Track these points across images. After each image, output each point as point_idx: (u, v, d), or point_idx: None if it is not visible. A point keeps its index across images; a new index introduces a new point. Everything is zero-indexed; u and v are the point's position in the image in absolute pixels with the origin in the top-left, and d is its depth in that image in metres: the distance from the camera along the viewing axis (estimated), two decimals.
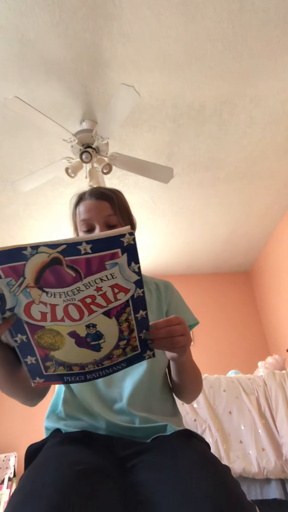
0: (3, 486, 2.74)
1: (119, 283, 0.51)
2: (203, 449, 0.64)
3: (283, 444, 1.69)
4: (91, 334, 0.55)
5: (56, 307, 0.52)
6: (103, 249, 0.48)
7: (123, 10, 1.65)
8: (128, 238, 0.48)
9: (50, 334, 0.54)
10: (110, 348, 0.57)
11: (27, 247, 0.46)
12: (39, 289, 0.50)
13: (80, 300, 0.51)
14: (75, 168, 2.11)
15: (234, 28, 1.76)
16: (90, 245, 0.47)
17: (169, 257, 3.86)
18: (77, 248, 0.47)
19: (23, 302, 0.51)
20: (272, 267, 3.69)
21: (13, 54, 1.79)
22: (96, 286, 0.50)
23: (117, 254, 0.49)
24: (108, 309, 0.53)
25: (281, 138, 2.47)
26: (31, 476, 0.54)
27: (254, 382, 1.97)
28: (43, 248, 0.46)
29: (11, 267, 0.47)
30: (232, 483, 0.52)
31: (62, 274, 0.48)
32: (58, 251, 0.47)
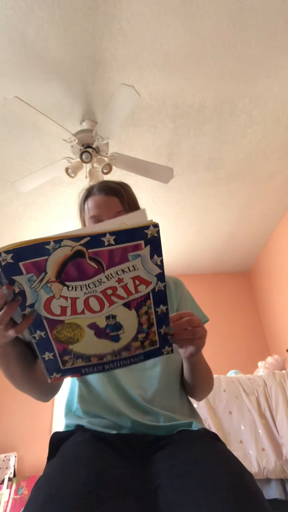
0: (3, 486, 2.73)
1: (141, 275, 0.51)
2: (230, 452, 0.63)
3: (283, 444, 1.69)
4: (111, 325, 0.55)
5: (76, 300, 0.51)
6: (126, 241, 0.47)
7: (123, 10, 1.65)
8: (152, 230, 0.47)
9: (69, 328, 0.54)
10: (129, 339, 0.57)
11: (50, 241, 0.45)
12: (60, 283, 0.49)
13: (101, 291, 0.51)
14: (75, 168, 2.11)
15: (234, 28, 1.76)
16: (114, 237, 0.46)
17: (169, 257, 3.86)
18: (101, 240, 0.46)
19: (43, 298, 0.50)
20: (272, 267, 3.69)
21: (13, 54, 1.79)
22: (117, 278, 0.50)
23: (140, 245, 0.48)
24: (129, 300, 0.53)
25: (281, 138, 2.47)
26: (55, 481, 0.53)
27: (254, 382, 1.97)
28: (67, 242, 0.46)
29: (33, 263, 0.46)
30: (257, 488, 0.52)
31: (84, 266, 0.48)
32: (81, 243, 0.46)
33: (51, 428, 3.24)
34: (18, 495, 2.71)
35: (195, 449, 0.61)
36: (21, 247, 0.45)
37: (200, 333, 0.62)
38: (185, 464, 0.57)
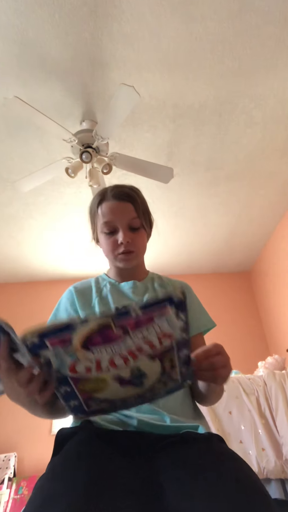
0: (3, 486, 2.73)
1: (165, 331, 0.51)
2: (236, 454, 0.63)
3: (283, 444, 1.69)
4: (135, 375, 0.56)
5: (101, 360, 0.52)
6: (153, 309, 0.48)
7: (123, 10, 1.65)
8: (179, 296, 0.48)
9: (94, 382, 0.55)
10: (152, 382, 0.58)
11: (76, 321, 0.46)
12: (84, 349, 0.50)
13: (126, 350, 0.52)
14: (75, 168, 2.11)
15: (234, 28, 1.76)
16: (141, 308, 0.47)
17: (169, 257, 3.86)
18: (128, 312, 0.47)
19: (68, 362, 0.51)
20: (272, 267, 3.69)
21: (13, 54, 1.79)
22: (143, 337, 0.51)
23: (166, 309, 0.49)
24: (153, 353, 0.54)
25: (281, 138, 2.47)
26: (56, 480, 0.53)
27: (254, 382, 1.97)
28: (93, 319, 0.47)
29: (59, 340, 0.48)
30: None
31: (109, 334, 0.49)
32: (108, 319, 0.47)
33: (51, 428, 3.24)
34: (18, 495, 2.71)
35: (201, 449, 0.61)
36: (47, 331, 0.47)
37: (223, 375, 0.59)
38: (191, 463, 0.57)
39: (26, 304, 3.82)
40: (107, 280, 0.96)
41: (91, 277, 1.00)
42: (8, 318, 1.82)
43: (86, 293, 0.91)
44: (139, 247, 0.91)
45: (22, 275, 3.87)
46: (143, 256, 0.98)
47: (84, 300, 0.89)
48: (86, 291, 0.92)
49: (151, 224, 0.99)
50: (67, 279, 3.96)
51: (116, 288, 0.93)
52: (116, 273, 0.97)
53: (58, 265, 3.77)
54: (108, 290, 0.92)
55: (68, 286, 0.96)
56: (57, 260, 3.70)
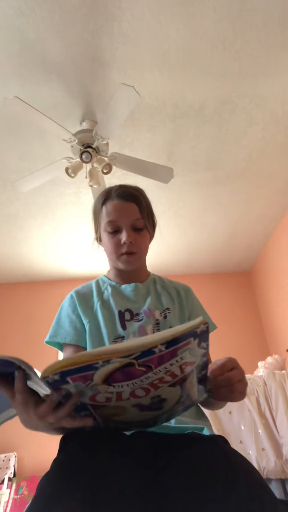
0: (3, 486, 2.73)
1: (187, 361, 0.50)
2: (240, 454, 0.63)
3: (283, 444, 1.69)
4: (155, 402, 0.55)
5: (122, 393, 0.51)
6: (177, 343, 0.46)
7: (123, 10, 1.65)
8: (202, 327, 0.47)
9: (113, 408, 0.54)
10: (171, 405, 0.57)
11: (99, 362, 0.44)
12: (106, 385, 0.49)
13: (148, 383, 0.51)
14: (75, 168, 2.11)
15: (234, 28, 1.76)
16: (165, 345, 0.45)
17: (169, 257, 3.86)
18: (152, 351, 0.45)
19: (89, 394, 0.50)
20: (272, 267, 3.69)
21: (13, 54, 1.79)
22: (165, 370, 0.49)
23: (190, 342, 0.48)
24: (174, 381, 0.53)
25: (281, 138, 2.47)
26: (56, 482, 0.53)
27: (254, 382, 1.97)
28: (116, 359, 0.45)
29: (80, 376, 0.47)
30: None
31: (132, 372, 0.47)
32: (131, 358, 0.45)
33: None
34: (18, 495, 2.71)
35: (206, 449, 0.61)
36: (69, 370, 0.45)
37: (239, 389, 0.58)
38: (196, 463, 0.56)
39: (26, 304, 3.82)
40: (108, 282, 0.95)
41: (91, 277, 1.00)
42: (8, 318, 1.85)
43: (87, 297, 0.90)
44: (141, 248, 0.91)
45: (22, 275, 3.86)
46: (145, 257, 0.98)
47: (86, 305, 0.88)
48: (87, 295, 0.91)
49: (154, 225, 0.99)
50: (67, 279, 3.96)
51: (117, 290, 0.92)
52: (116, 275, 0.97)
53: (58, 265, 3.77)
54: (110, 293, 0.91)
55: (68, 286, 0.96)
56: (57, 260, 3.69)
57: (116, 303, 0.87)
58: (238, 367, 0.60)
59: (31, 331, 3.58)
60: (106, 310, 0.86)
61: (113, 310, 0.85)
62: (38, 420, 0.51)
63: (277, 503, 0.50)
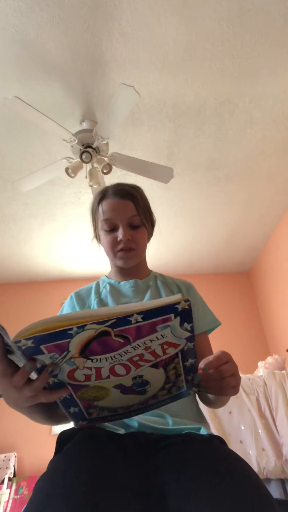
0: (3, 486, 2.73)
1: (169, 340, 0.49)
2: (238, 455, 0.63)
3: (283, 444, 1.69)
4: (137, 383, 0.54)
5: (101, 369, 0.50)
6: (155, 317, 0.45)
7: (123, 10, 1.65)
8: (182, 304, 0.45)
9: (94, 389, 0.53)
10: (156, 390, 0.56)
11: (73, 327, 0.43)
12: (83, 357, 0.48)
13: (127, 359, 0.49)
14: (75, 168, 2.11)
15: (234, 28, 1.76)
16: (142, 315, 0.44)
17: (169, 257, 3.86)
18: (128, 319, 0.44)
19: (66, 370, 0.49)
20: (272, 267, 3.69)
21: (13, 54, 1.79)
22: (145, 346, 0.48)
23: (169, 318, 0.46)
24: (156, 362, 0.52)
25: (281, 138, 2.47)
26: (54, 480, 0.53)
27: (254, 382, 1.97)
28: (90, 326, 0.43)
29: (54, 345, 0.45)
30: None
31: (109, 342, 0.46)
32: (106, 325, 0.44)
33: (51, 428, 3.24)
34: (18, 495, 2.71)
35: (202, 449, 0.61)
36: (41, 335, 0.43)
37: (231, 384, 0.58)
38: (192, 463, 0.57)
39: (26, 304, 3.82)
40: (107, 281, 0.96)
41: (91, 277, 1.01)
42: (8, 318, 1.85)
43: (85, 297, 0.91)
44: (139, 244, 0.91)
45: (22, 275, 3.86)
46: (144, 254, 0.97)
47: (83, 304, 0.89)
48: (85, 296, 0.91)
49: (153, 223, 0.99)
50: (67, 279, 3.96)
51: (115, 288, 0.92)
52: (117, 273, 0.97)
53: (58, 265, 3.77)
54: (108, 291, 0.91)
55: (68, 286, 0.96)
56: (57, 260, 3.69)
57: (113, 300, 0.88)
58: (231, 361, 0.59)
59: None
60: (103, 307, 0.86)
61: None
62: (15, 392, 0.50)
63: (273, 503, 0.50)
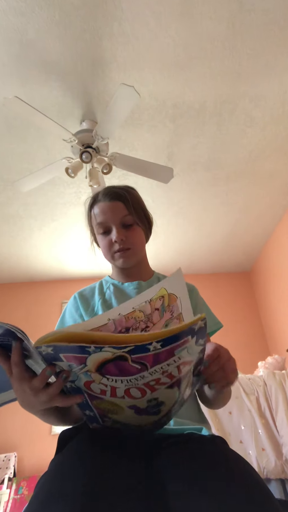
0: (3, 486, 2.73)
1: (185, 360, 0.48)
2: (239, 455, 0.63)
3: (283, 444, 1.69)
4: (152, 405, 0.54)
5: (117, 389, 0.50)
6: (174, 342, 0.44)
7: (123, 10, 1.65)
8: (199, 324, 0.45)
9: (109, 403, 0.53)
10: (169, 408, 0.56)
11: (91, 346, 0.43)
12: (99, 374, 0.48)
13: (143, 384, 0.49)
14: (75, 168, 2.11)
15: (234, 28, 1.76)
16: (161, 343, 0.43)
17: (169, 257, 3.86)
18: (146, 347, 0.43)
19: (83, 380, 0.50)
20: (272, 267, 3.69)
21: (13, 54, 1.79)
22: (162, 371, 0.48)
23: (187, 340, 0.45)
24: (172, 383, 0.51)
25: (281, 138, 2.47)
26: (54, 480, 0.53)
27: (254, 382, 1.97)
28: (108, 349, 0.43)
29: (73, 356, 0.46)
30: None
31: (126, 367, 0.46)
32: (124, 351, 0.43)
33: (51, 428, 3.24)
34: (18, 495, 2.71)
35: (204, 449, 0.61)
36: (61, 345, 0.44)
37: (231, 367, 0.59)
38: (194, 463, 0.56)
39: (26, 304, 3.82)
40: (110, 281, 0.96)
41: (91, 277, 1.00)
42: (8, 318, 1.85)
43: (89, 297, 0.91)
44: (134, 243, 0.90)
45: (22, 275, 3.86)
46: (142, 253, 0.96)
47: (87, 304, 0.89)
48: (89, 296, 0.91)
49: (149, 221, 0.98)
50: (67, 279, 3.96)
51: (119, 289, 0.92)
52: (119, 274, 0.97)
53: (58, 265, 3.77)
54: (112, 292, 0.91)
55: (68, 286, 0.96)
56: (57, 260, 3.69)
57: (117, 301, 0.88)
58: (231, 358, 0.60)
59: (30, 331, 3.56)
60: (107, 308, 0.86)
61: None
62: (32, 395, 0.51)
63: (275, 503, 0.50)
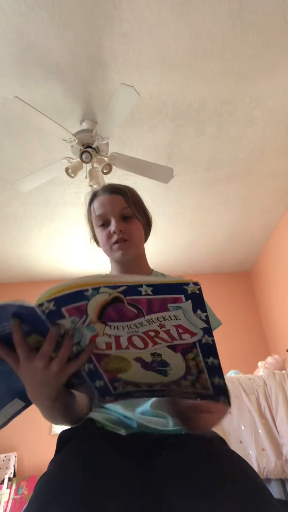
0: (3, 486, 2.73)
1: (184, 325, 0.50)
2: (238, 454, 0.63)
3: (283, 444, 1.69)
4: (157, 361, 0.55)
5: (120, 337, 0.53)
6: (164, 293, 0.47)
7: (123, 10, 1.65)
8: (192, 287, 0.46)
9: (117, 360, 0.56)
10: (177, 376, 0.57)
11: (89, 289, 0.47)
12: (102, 323, 0.51)
13: (143, 332, 0.52)
14: (75, 168, 2.11)
15: (234, 28, 1.76)
16: (151, 288, 0.46)
17: (169, 257, 3.86)
18: (138, 289, 0.46)
19: (88, 336, 0.53)
20: (272, 267, 3.69)
21: (13, 54, 1.79)
22: (159, 323, 0.50)
23: (180, 299, 0.47)
24: (173, 344, 0.53)
25: (281, 138, 2.47)
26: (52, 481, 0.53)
27: (254, 382, 1.97)
28: (104, 289, 0.47)
29: (74, 307, 0.49)
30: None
31: (124, 310, 0.49)
32: (118, 291, 0.47)
33: (51, 428, 3.24)
34: (18, 495, 2.71)
35: (202, 449, 0.60)
36: (62, 295, 0.47)
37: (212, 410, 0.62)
38: (192, 463, 0.56)
39: None
40: None
41: None
42: None
43: None
44: (132, 235, 0.91)
45: (22, 275, 3.86)
46: (140, 247, 0.96)
47: None
48: None
49: (149, 220, 0.99)
50: (66, 279, 3.96)
51: None
52: (117, 271, 0.97)
53: (58, 265, 3.77)
54: None
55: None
56: (57, 260, 3.69)
57: None
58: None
59: None
60: None
61: None
62: (43, 370, 0.52)
63: (275, 503, 0.50)
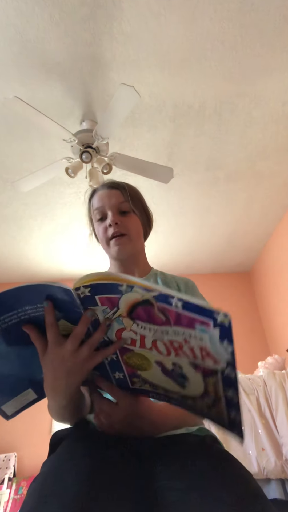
0: (3, 486, 2.73)
1: (208, 349, 0.50)
2: (233, 456, 0.62)
3: (283, 444, 1.69)
4: (177, 372, 0.56)
5: (145, 337, 0.54)
6: (194, 312, 0.47)
7: (123, 10, 1.65)
8: (222, 317, 0.46)
9: (138, 357, 0.57)
10: (194, 393, 0.57)
11: (123, 284, 0.48)
12: (131, 319, 0.52)
13: (168, 341, 0.52)
14: (75, 168, 2.11)
15: (234, 28, 1.76)
16: (181, 303, 0.47)
17: (169, 257, 3.86)
18: (169, 299, 0.47)
19: (115, 328, 0.54)
20: (272, 267, 3.69)
21: (13, 54, 1.79)
22: (184, 338, 0.50)
23: (208, 324, 0.47)
24: (195, 363, 0.53)
25: (281, 138, 2.47)
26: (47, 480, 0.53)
27: (254, 382, 1.97)
28: (138, 289, 0.48)
29: (107, 298, 0.50)
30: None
31: (152, 314, 0.50)
32: (151, 295, 0.48)
33: (51, 428, 3.25)
34: (18, 495, 2.71)
35: (194, 449, 0.60)
36: (98, 284, 0.49)
37: None
38: (185, 464, 0.56)
39: None
40: None
41: None
42: None
43: None
44: (129, 229, 0.90)
45: (22, 275, 3.86)
46: (138, 243, 0.95)
47: None
48: None
49: (149, 217, 0.99)
50: (66, 279, 3.96)
51: None
52: (115, 269, 0.96)
53: (58, 265, 3.77)
54: None
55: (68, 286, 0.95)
56: (57, 260, 3.69)
57: None
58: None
59: None
60: None
61: None
62: (73, 354, 0.53)
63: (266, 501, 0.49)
